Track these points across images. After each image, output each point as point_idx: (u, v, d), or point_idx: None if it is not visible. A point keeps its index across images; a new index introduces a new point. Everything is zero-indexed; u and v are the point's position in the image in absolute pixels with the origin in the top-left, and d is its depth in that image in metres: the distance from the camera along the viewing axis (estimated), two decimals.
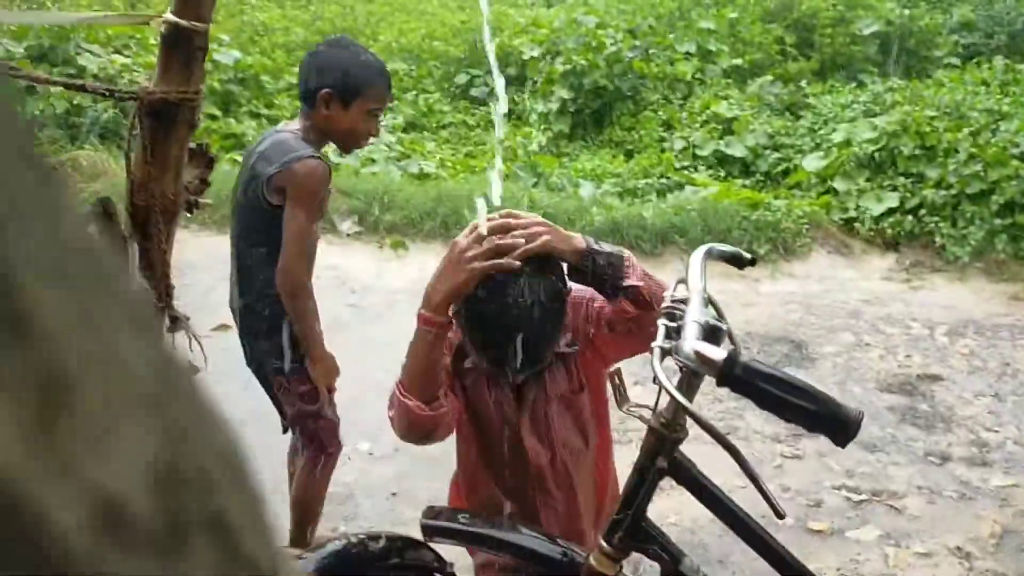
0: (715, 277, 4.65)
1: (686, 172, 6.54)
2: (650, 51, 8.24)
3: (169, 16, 1.15)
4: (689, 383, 1.16)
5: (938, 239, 5.29)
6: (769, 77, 7.87)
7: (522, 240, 1.34)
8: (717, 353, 0.99)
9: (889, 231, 5.49)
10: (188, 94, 1.19)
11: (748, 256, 1.55)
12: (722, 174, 6.66)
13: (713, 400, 3.56)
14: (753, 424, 3.49)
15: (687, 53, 8.40)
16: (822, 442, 3.37)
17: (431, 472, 2.61)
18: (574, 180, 6.32)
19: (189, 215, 1.41)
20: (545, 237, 1.37)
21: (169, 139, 1.23)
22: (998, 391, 3.82)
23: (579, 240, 1.40)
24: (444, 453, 1.73)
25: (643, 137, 7.25)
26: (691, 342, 1.03)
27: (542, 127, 7.80)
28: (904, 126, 6.08)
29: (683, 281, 1.45)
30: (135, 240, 1.30)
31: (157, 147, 1.22)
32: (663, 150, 6.97)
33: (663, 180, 6.38)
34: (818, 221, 5.56)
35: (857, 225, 5.60)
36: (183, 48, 1.17)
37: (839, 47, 8.67)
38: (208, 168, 1.43)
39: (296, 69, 8.48)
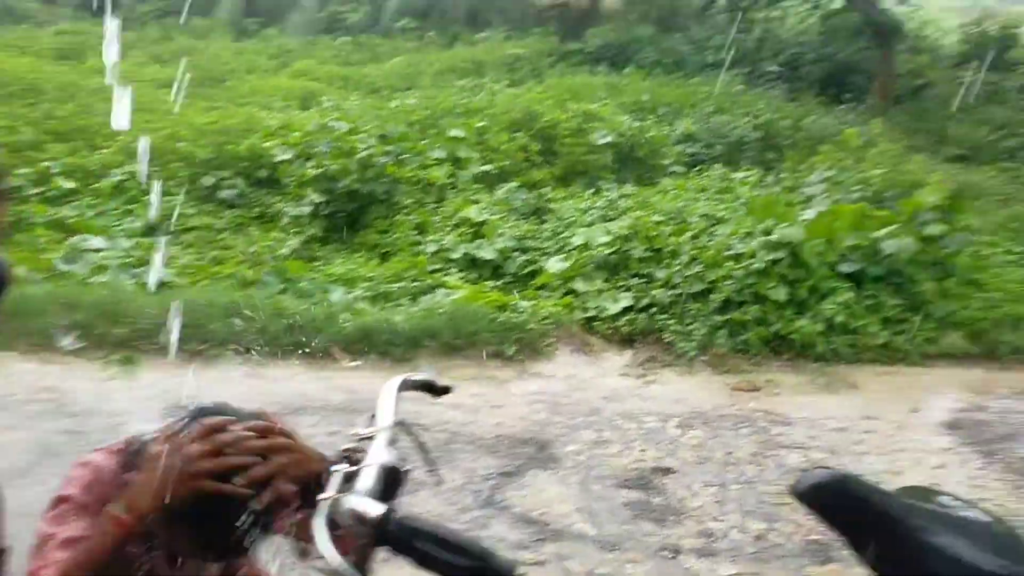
0: (467, 380, 4.65)
1: (439, 275, 6.63)
2: (403, 156, 8.41)
3: None
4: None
5: (667, 335, 5.67)
6: (515, 183, 8.26)
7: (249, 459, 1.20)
8: (373, 509, 0.95)
9: (625, 329, 5.82)
10: None
11: (441, 384, 1.54)
12: (474, 276, 6.82)
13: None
14: (498, 531, 3.49)
15: (439, 159, 8.65)
16: (563, 545, 3.42)
17: None
18: (324, 285, 6.21)
19: None
20: (280, 459, 1.22)
21: None
22: (723, 480, 4.08)
23: (320, 463, 1.23)
24: None
25: (397, 240, 7.31)
26: (350, 498, 0.98)
27: (294, 230, 7.68)
28: (635, 230, 6.55)
29: (375, 415, 1.40)
30: None
31: None
32: (417, 253, 7.05)
33: (416, 283, 6.42)
34: (562, 321, 5.80)
35: (597, 324, 5.90)
36: None
37: (578, 156, 9.28)
38: None
39: (23, 170, 7.83)
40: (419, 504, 3.84)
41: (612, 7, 21.64)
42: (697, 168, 10.01)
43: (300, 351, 5.26)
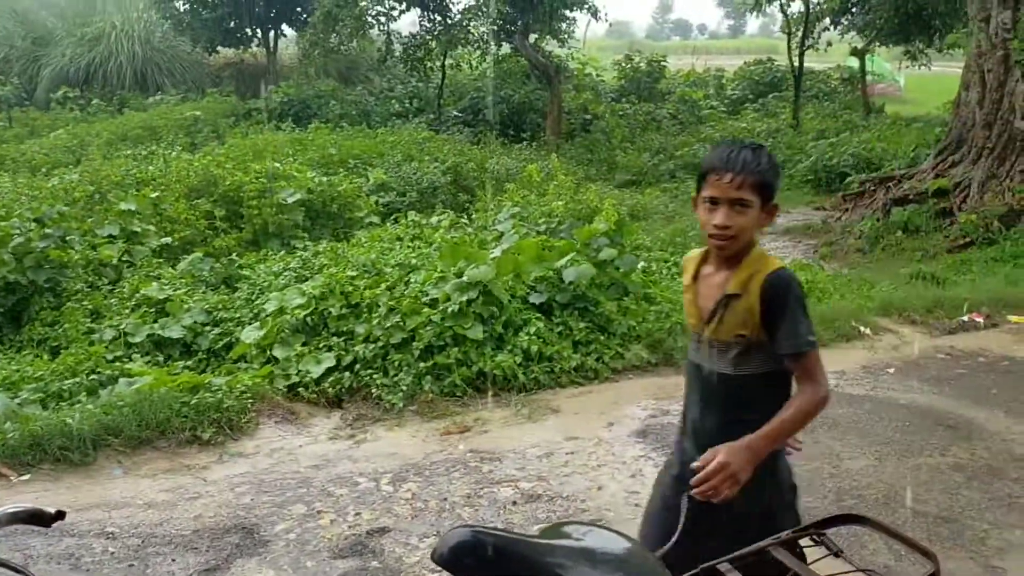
0: (160, 475, 4.23)
1: (119, 363, 6.07)
2: (67, 238, 7.67)
3: None
4: None
5: (375, 390, 5.59)
6: (200, 253, 7.82)
7: None
8: None
9: (331, 390, 5.66)
10: None
11: (51, 511, 1.34)
12: (161, 359, 6.33)
13: None
14: None
15: (111, 236, 8.00)
16: None
17: None
18: None
19: None
20: None
21: None
22: (439, 529, 4.04)
23: None
24: None
25: (68, 331, 6.61)
26: None
27: None
28: (330, 287, 6.42)
29: None
30: None
31: None
32: (92, 342, 6.41)
33: (94, 376, 5.81)
34: (263, 393, 5.52)
35: (301, 389, 5.68)
36: None
37: (268, 217, 9.01)
38: None
39: None
40: None
41: (290, 62, 21.47)
42: (393, 217, 10.10)
43: None
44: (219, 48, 21.01)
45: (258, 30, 21.25)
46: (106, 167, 10.49)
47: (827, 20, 19.87)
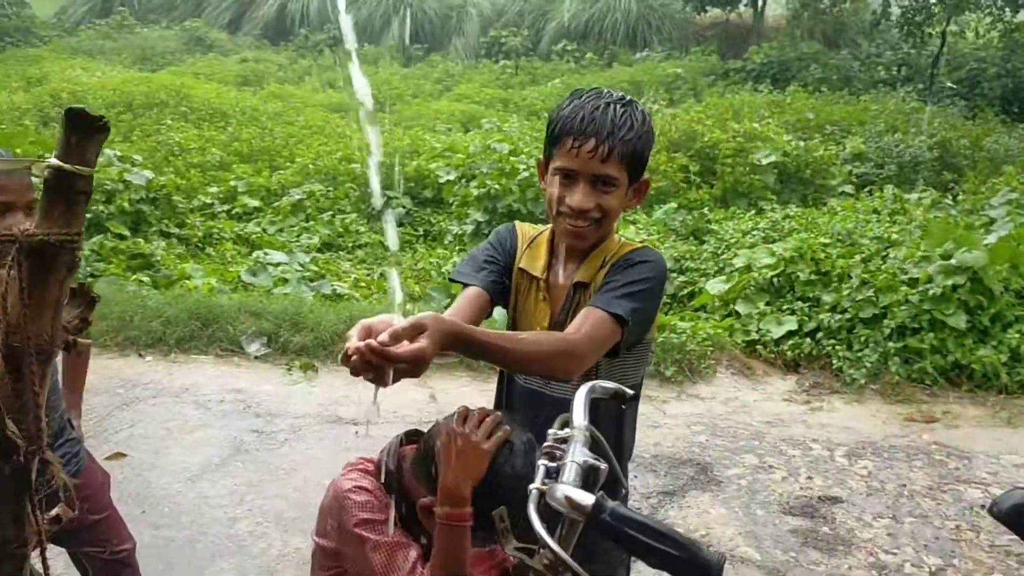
0: None
1: None
2: None
3: (53, 161, 1.16)
4: (569, 526, 1.16)
5: (835, 361, 5.48)
6: (674, 204, 8.21)
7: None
8: (586, 498, 1.01)
9: (789, 353, 5.67)
10: (69, 236, 1.19)
11: (629, 392, 1.59)
12: None
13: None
14: None
15: None
16: (728, 569, 3.38)
17: None
18: None
19: (66, 353, 1.39)
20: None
21: (48, 281, 1.22)
22: (895, 513, 3.91)
23: None
24: None
25: None
26: (562, 487, 1.05)
27: (457, 248, 7.94)
28: (800, 252, 6.38)
29: (567, 418, 1.47)
30: (8, 381, 1.27)
31: (35, 289, 1.20)
32: None
33: None
34: (722, 343, 5.72)
35: (759, 347, 5.77)
36: (66, 192, 1.17)
37: (740, 176, 9.14)
38: (89, 308, 1.41)
39: (213, 189, 8.45)
40: None
41: (776, 23, 21.18)
42: (867, 189, 9.64)
43: (464, 363, 5.44)
44: (707, 8, 21.48)
45: None
46: None
47: None
